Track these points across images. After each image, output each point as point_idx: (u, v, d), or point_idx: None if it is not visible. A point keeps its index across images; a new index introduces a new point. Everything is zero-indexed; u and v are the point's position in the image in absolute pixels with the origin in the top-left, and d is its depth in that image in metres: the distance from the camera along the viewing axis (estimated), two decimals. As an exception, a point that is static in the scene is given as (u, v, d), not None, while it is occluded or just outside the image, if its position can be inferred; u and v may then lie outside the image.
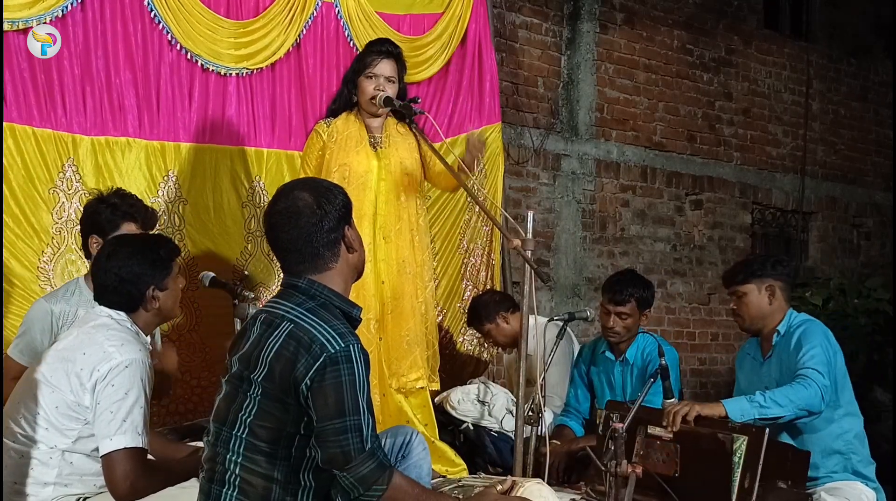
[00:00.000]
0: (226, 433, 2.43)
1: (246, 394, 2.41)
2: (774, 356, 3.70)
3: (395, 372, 4.06)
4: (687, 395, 6.78)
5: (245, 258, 4.66)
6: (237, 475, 2.39)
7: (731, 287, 3.79)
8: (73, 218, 4.17)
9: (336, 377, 2.33)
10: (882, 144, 9.20)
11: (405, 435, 2.94)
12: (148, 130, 4.41)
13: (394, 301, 4.04)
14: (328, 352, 2.33)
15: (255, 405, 2.38)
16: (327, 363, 2.33)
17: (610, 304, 4.27)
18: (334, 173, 4.00)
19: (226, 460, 2.41)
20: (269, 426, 2.37)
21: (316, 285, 2.50)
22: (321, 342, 2.35)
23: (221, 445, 2.43)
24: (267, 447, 2.37)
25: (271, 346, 2.40)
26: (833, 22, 8.85)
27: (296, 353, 2.35)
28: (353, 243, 2.56)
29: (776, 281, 3.72)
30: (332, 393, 2.32)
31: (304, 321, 2.41)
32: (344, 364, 2.34)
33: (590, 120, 7.05)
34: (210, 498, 2.45)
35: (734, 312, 3.82)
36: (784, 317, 3.71)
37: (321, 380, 2.32)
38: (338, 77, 4.66)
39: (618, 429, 2.90)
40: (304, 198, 2.51)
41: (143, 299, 2.94)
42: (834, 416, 3.56)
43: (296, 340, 2.37)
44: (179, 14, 4.45)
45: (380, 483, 2.36)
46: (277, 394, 2.36)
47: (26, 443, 2.81)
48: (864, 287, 7.35)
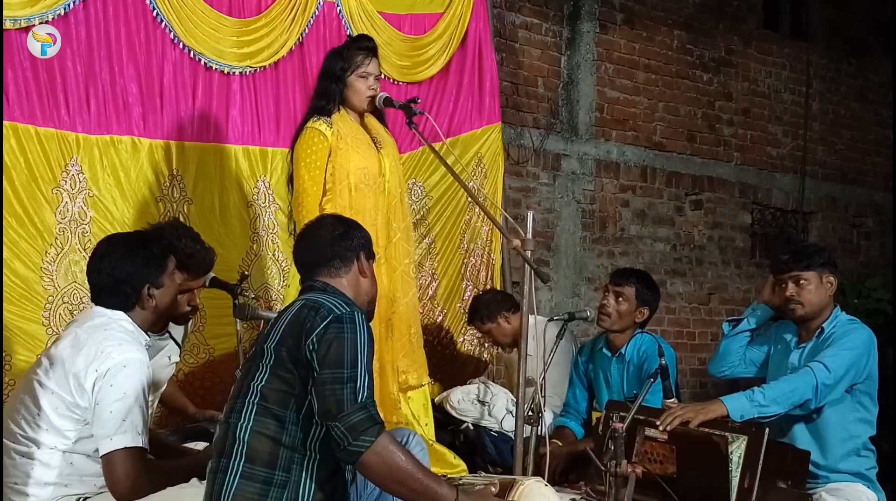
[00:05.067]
0: (238, 404, 2.53)
1: (259, 364, 2.54)
2: (810, 349, 3.64)
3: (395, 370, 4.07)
4: (686, 395, 6.80)
5: (251, 259, 4.65)
6: (245, 441, 2.47)
7: (793, 272, 3.67)
8: (77, 218, 4.17)
9: (339, 333, 2.48)
10: (882, 144, 9.21)
11: (402, 436, 2.96)
12: (152, 129, 4.40)
13: (395, 302, 4.05)
14: (335, 313, 2.51)
15: (268, 372, 2.51)
16: (332, 320, 2.49)
17: (610, 284, 4.33)
18: (350, 177, 3.87)
19: (237, 429, 2.49)
20: (280, 389, 2.48)
21: (329, 286, 2.71)
22: (329, 307, 2.53)
23: (234, 414, 2.53)
24: (277, 409, 2.47)
25: (285, 318, 2.58)
26: (833, 22, 8.86)
27: (305, 316, 2.52)
28: (365, 271, 2.80)
29: (833, 274, 3.68)
30: (333, 346, 2.46)
31: (314, 296, 2.62)
32: (347, 324, 2.50)
33: (590, 120, 7.05)
34: (218, 473, 2.50)
35: (790, 297, 3.66)
36: (832, 314, 3.66)
37: (325, 334, 2.47)
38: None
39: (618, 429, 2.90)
40: (330, 219, 2.92)
41: (138, 298, 2.94)
42: (849, 419, 3.55)
43: (307, 308, 2.55)
44: (182, 12, 4.45)
45: (368, 434, 2.41)
46: (289, 355, 2.49)
47: (26, 444, 2.80)
48: (864, 287, 7.36)
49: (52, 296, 4.10)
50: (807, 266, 3.65)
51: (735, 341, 3.92)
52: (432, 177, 5.30)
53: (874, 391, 3.61)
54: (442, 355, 5.31)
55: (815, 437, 3.56)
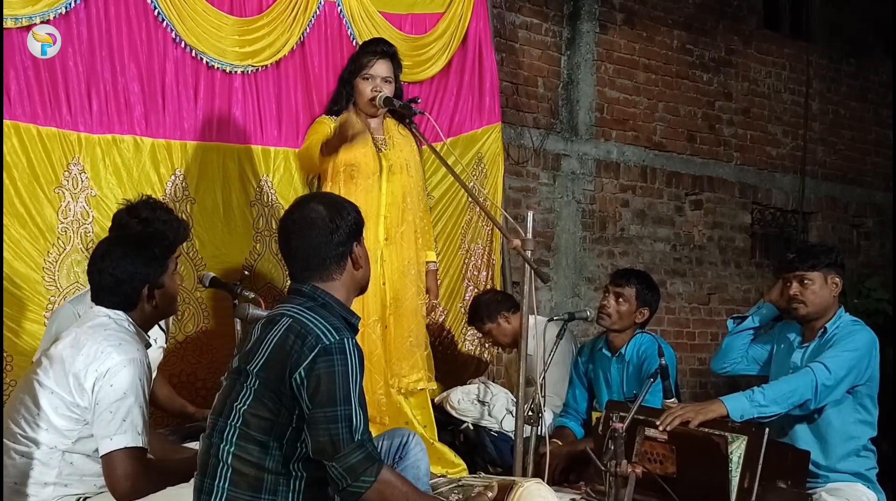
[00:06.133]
0: (221, 423, 2.48)
1: (243, 385, 2.47)
2: (812, 350, 3.66)
3: (396, 373, 4.07)
4: (686, 395, 6.80)
5: (254, 258, 4.64)
6: (229, 465, 2.43)
7: (797, 272, 3.69)
8: (79, 218, 4.17)
9: (329, 367, 2.39)
10: (882, 144, 9.21)
11: (402, 437, 2.96)
12: (154, 129, 4.39)
13: (395, 302, 4.04)
14: (322, 343, 2.41)
15: (251, 395, 2.44)
16: (321, 353, 2.40)
17: (611, 284, 4.34)
18: (341, 172, 4.01)
19: (219, 450, 2.45)
20: (263, 416, 2.42)
21: (319, 291, 2.60)
22: (316, 334, 2.43)
23: (217, 435, 2.48)
24: (259, 436, 2.41)
25: (270, 339, 2.48)
26: (833, 22, 8.86)
27: (292, 344, 2.42)
28: (359, 260, 2.67)
29: (839, 276, 3.69)
30: (324, 382, 2.38)
31: (302, 315, 2.50)
32: (337, 355, 2.41)
33: (590, 120, 7.05)
34: (203, 493, 2.48)
35: (793, 296, 3.68)
36: (835, 315, 3.68)
37: (314, 369, 2.38)
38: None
39: (618, 429, 2.90)
40: (319, 210, 2.63)
41: (139, 298, 2.95)
42: (850, 420, 3.56)
43: (293, 332, 2.45)
44: (183, 11, 4.44)
45: (368, 475, 2.38)
46: (272, 384, 2.42)
47: (26, 444, 2.81)
48: (864, 287, 7.37)
49: (53, 296, 4.10)
50: (812, 266, 3.66)
51: (738, 338, 3.93)
52: (433, 177, 5.30)
53: (875, 392, 3.61)
54: (443, 355, 5.30)
55: (817, 437, 3.57)
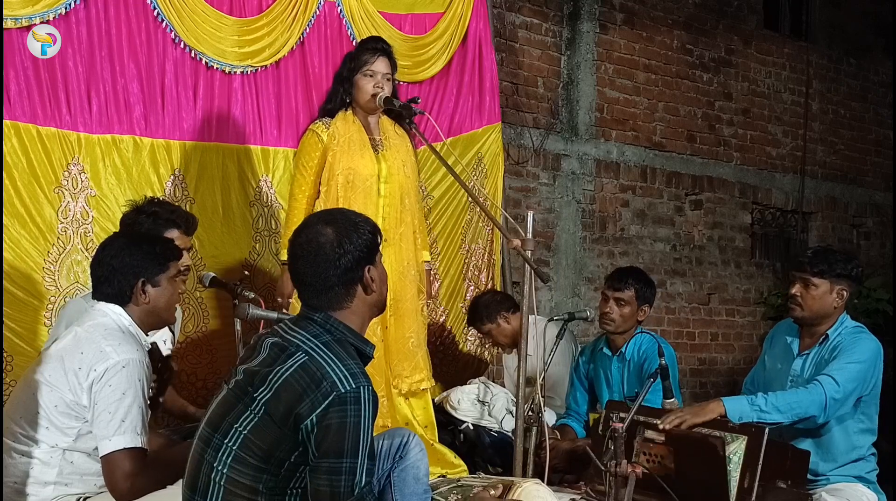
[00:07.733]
0: (217, 441, 2.39)
1: (247, 407, 2.38)
2: (812, 357, 3.62)
3: (397, 374, 4.05)
4: (687, 395, 6.80)
5: (254, 258, 4.65)
6: (221, 486, 2.36)
7: (804, 274, 3.61)
8: (79, 217, 4.17)
9: (342, 418, 2.30)
10: (882, 144, 9.22)
11: (402, 437, 2.94)
12: (153, 129, 4.40)
13: (395, 304, 4.03)
14: (338, 391, 2.30)
15: (254, 422, 2.35)
16: (335, 402, 2.30)
17: (609, 290, 4.31)
18: (338, 177, 3.98)
19: (212, 469, 2.37)
20: (262, 445, 2.34)
21: (332, 321, 2.48)
22: (332, 381, 2.32)
23: (211, 452, 2.40)
24: (256, 461, 2.34)
25: (282, 373, 2.36)
26: (833, 22, 8.86)
27: (305, 387, 2.32)
28: (371, 285, 2.53)
29: (849, 288, 3.62)
30: (333, 432, 2.30)
31: (318, 354, 2.38)
32: (351, 405, 2.31)
33: (590, 120, 7.06)
34: None
35: (793, 296, 3.63)
36: (837, 321, 3.61)
37: (326, 418, 2.29)
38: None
39: (618, 429, 2.90)
40: (327, 233, 2.48)
41: (132, 291, 2.92)
42: (853, 430, 3.54)
43: (308, 374, 2.34)
44: (183, 12, 4.45)
45: None
46: (279, 419, 2.33)
47: (27, 442, 2.80)
48: (864, 287, 7.35)
49: (53, 296, 4.11)
50: (820, 272, 3.58)
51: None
52: (433, 177, 5.31)
53: (877, 399, 3.58)
54: (444, 355, 5.31)
55: (819, 448, 3.54)
